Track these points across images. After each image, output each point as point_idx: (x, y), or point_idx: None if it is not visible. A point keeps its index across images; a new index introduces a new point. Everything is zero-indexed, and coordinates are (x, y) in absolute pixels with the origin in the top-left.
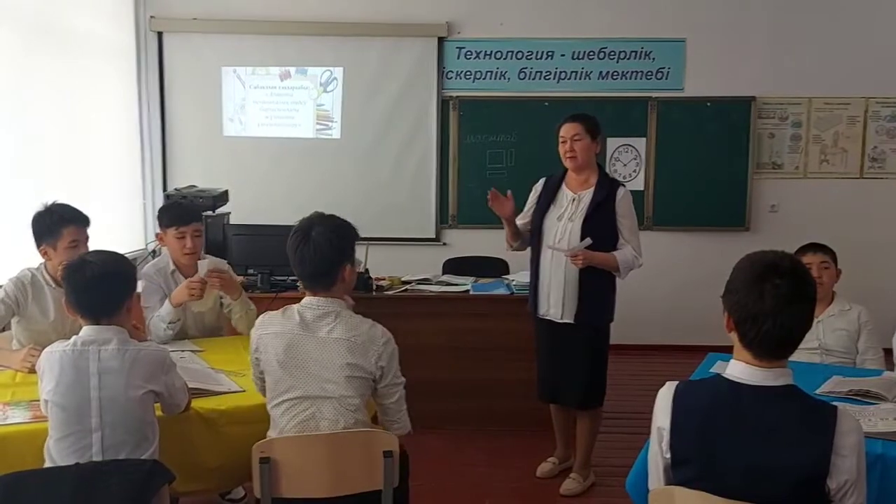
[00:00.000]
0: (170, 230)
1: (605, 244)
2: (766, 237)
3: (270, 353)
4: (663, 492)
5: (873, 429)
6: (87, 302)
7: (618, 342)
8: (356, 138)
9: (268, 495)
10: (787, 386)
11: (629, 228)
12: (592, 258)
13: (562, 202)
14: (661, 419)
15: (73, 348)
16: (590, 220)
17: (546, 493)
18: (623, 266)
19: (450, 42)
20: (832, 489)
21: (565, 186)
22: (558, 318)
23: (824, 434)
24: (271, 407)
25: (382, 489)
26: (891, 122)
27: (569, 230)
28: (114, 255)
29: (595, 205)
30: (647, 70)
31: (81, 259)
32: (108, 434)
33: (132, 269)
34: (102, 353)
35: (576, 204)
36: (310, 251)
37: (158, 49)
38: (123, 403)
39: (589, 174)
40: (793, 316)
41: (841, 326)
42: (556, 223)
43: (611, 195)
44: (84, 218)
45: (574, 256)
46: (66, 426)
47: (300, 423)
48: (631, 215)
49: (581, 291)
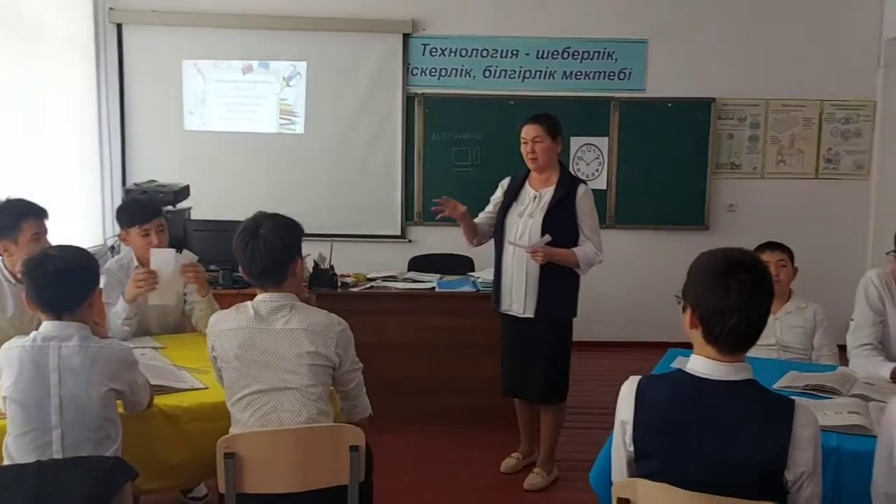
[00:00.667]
0: (132, 229)
1: (565, 241)
2: (725, 236)
3: (227, 349)
4: (626, 484)
5: (828, 422)
6: (48, 297)
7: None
8: (320, 134)
9: (232, 491)
10: (748, 380)
11: (589, 225)
12: (553, 254)
13: (524, 199)
14: (625, 413)
15: (32, 344)
16: (550, 217)
17: (510, 487)
18: (583, 262)
19: (415, 39)
20: (789, 481)
21: (528, 184)
22: (520, 313)
23: (782, 427)
24: (231, 404)
25: (348, 484)
26: (845, 124)
27: (529, 226)
28: (77, 250)
29: (555, 202)
30: (609, 70)
31: (43, 253)
32: (68, 432)
33: (95, 264)
34: (63, 350)
35: (537, 201)
36: (260, 249)
37: (118, 41)
38: (84, 401)
39: (551, 173)
40: (756, 310)
41: (797, 324)
42: (518, 220)
43: (571, 193)
44: (41, 210)
45: (534, 253)
46: (25, 423)
47: (261, 417)
48: (591, 212)
49: (542, 287)
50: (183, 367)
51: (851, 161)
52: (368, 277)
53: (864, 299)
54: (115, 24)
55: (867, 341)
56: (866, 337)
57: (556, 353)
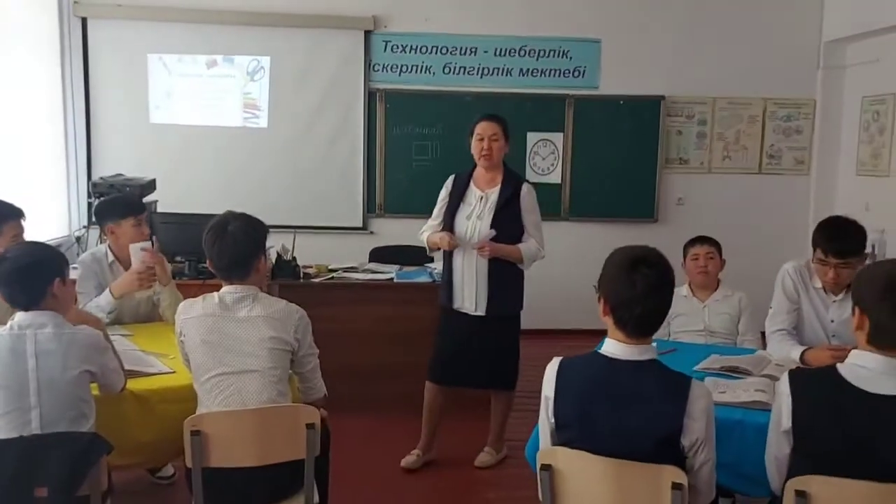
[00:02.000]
0: (125, 221)
1: (511, 238)
2: (673, 228)
3: (194, 335)
4: (548, 452)
5: (736, 399)
6: (10, 295)
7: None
8: (284, 127)
9: (199, 465)
10: (651, 360)
11: (533, 223)
12: (498, 250)
13: (470, 200)
14: (548, 389)
15: (9, 332)
16: (497, 218)
17: (462, 464)
18: (527, 257)
19: (377, 35)
20: (686, 446)
21: (473, 184)
22: (472, 310)
23: (679, 400)
24: (198, 385)
25: (305, 458)
26: (786, 122)
27: (478, 228)
28: (32, 246)
29: (502, 202)
30: (564, 69)
31: (1, 256)
32: (46, 411)
33: (51, 255)
34: (39, 336)
35: (483, 202)
36: (228, 244)
37: (83, 35)
38: (60, 383)
39: (496, 172)
40: (659, 300)
41: (724, 311)
42: (466, 222)
43: (516, 192)
44: (19, 212)
45: (481, 248)
46: (5, 404)
47: (226, 398)
48: (535, 210)
49: (491, 285)
50: (151, 352)
51: (792, 157)
52: (330, 268)
53: (780, 289)
54: (79, 18)
55: (782, 327)
56: (782, 323)
57: (507, 345)
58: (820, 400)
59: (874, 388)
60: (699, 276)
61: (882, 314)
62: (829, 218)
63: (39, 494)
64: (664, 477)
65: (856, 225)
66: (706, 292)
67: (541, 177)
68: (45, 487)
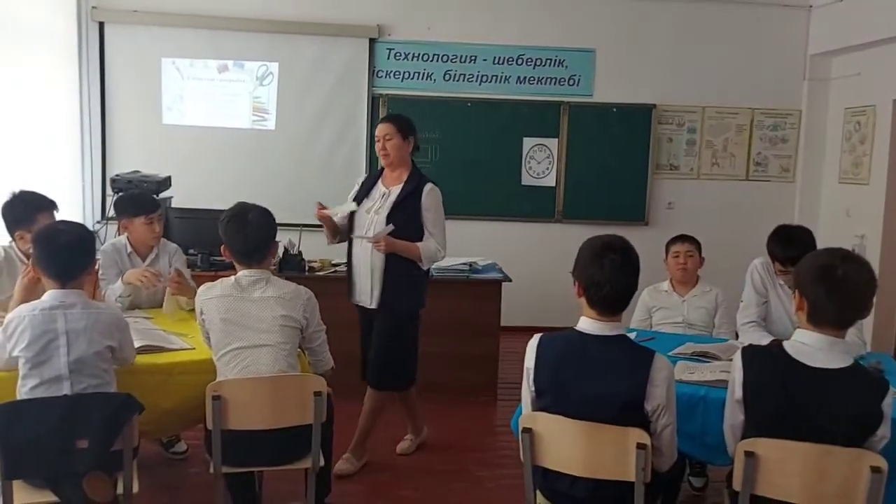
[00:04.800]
0: (137, 219)
1: (409, 235)
2: (663, 231)
3: (214, 313)
4: (529, 416)
5: (702, 378)
6: (56, 266)
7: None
8: (290, 130)
9: (218, 426)
10: (619, 335)
11: (433, 221)
12: (394, 245)
13: (374, 196)
14: (529, 361)
15: (41, 311)
16: (395, 213)
17: (454, 447)
18: (425, 256)
19: (380, 43)
20: (649, 411)
21: (380, 182)
22: (368, 304)
23: (643, 369)
24: (217, 358)
25: (313, 422)
26: (772, 131)
27: (375, 221)
28: (80, 226)
29: (401, 198)
30: (560, 77)
31: (54, 227)
32: (75, 380)
33: (94, 240)
34: (69, 315)
35: (385, 198)
36: (252, 230)
37: (99, 39)
38: (87, 356)
39: (402, 171)
40: (625, 281)
41: (701, 305)
42: (366, 216)
43: (417, 190)
44: (53, 203)
45: (376, 243)
46: (39, 376)
47: (242, 369)
48: (436, 209)
49: (386, 280)
50: (171, 331)
51: (778, 165)
52: (333, 263)
53: (750, 283)
54: (97, 23)
55: (752, 319)
56: (751, 315)
57: (395, 342)
58: (766, 372)
59: (813, 362)
60: (679, 272)
61: (818, 296)
62: (777, 228)
63: (80, 446)
64: (630, 438)
65: (801, 228)
66: (686, 287)
67: (536, 180)
68: (86, 440)
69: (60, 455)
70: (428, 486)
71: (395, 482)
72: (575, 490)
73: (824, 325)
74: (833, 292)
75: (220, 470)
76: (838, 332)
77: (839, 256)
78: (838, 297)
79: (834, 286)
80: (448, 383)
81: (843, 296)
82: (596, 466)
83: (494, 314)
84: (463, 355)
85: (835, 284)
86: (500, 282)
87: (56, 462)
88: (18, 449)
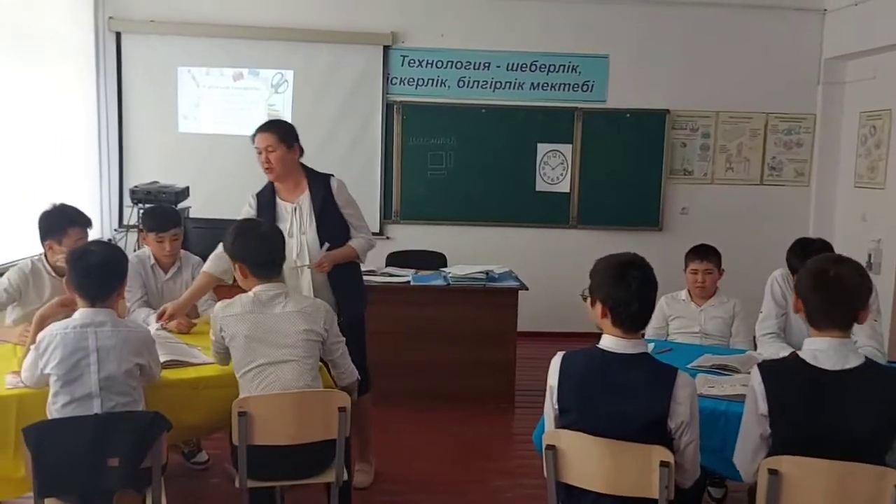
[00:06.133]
0: (150, 234)
1: (339, 239)
2: (677, 236)
3: (237, 331)
4: (553, 434)
5: (722, 392)
6: (87, 286)
7: (542, 329)
8: (305, 137)
9: (244, 442)
10: (643, 353)
11: (352, 215)
12: (335, 258)
13: (284, 216)
14: (552, 379)
15: (73, 330)
16: (322, 226)
17: (473, 456)
18: (362, 252)
19: (395, 50)
20: (672, 428)
21: (279, 199)
22: None
23: (666, 387)
24: (240, 375)
25: (337, 438)
26: (787, 135)
27: (306, 243)
28: (113, 247)
29: (318, 207)
30: (573, 83)
31: (86, 248)
32: (105, 398)
33: (126, 260)
34: (99, 334)
35: (298, 214)
36: (271, 242)
37: (116, 49)
38: (117, 374)
39: (298, 179)
40: (649, 297)
41: (718, 315)
42: (290, 240)
43: (327, 191)
44: (87, 220)
45: (319, 265)
46: (70, 394)
47: (266, 385)
48: (351, 201)
49: (337, 294)
50: (194, 345)
51: (793, 169)
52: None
53: (770, 295)
54: (114, 33)
55: (771, 330)
56: (771, 327)
57: (359, 344)
58: (789, 383)
59: (831, 366)
60: (697, 290)
61: (813, 299)
62: (796, 242)
63: (111, 464)
64: (653, 456)
65: (821, 241)
66: (704, 299)
67: (550, 186)
68: (117, 458)
69: (92, 473)
70: (446, 497)
71: (413, 493)
72: None
73: (824, 327)
74: (826, 293)
75: (247, 485)
76: (843, 334)
77: (832, 260)
78: (831, 298)
79: (827, 288)
80: (465, 392)
81: (836, 296)
82: (619, 484)
83: (511, 322)
84: (480, 363)
85: (827, 286)
86: (517, 290)
87: (88, 480)
88: (51, 467)
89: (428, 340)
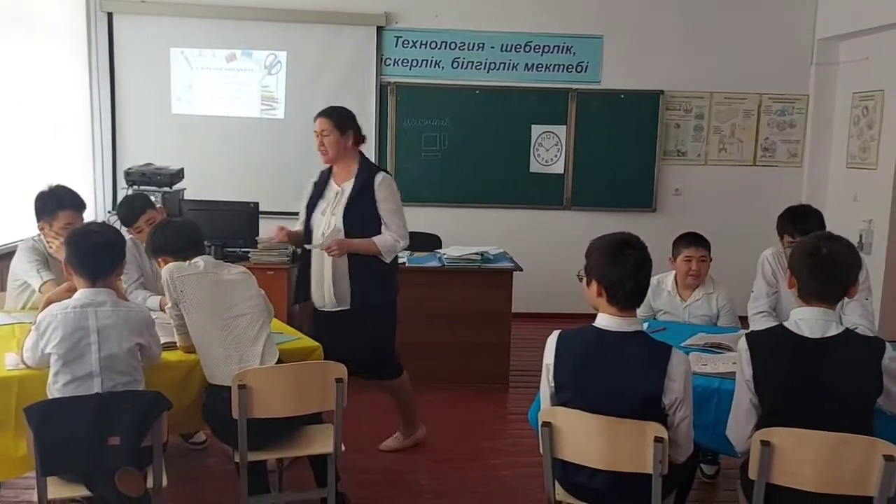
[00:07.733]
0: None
1: (367, 230)
2: (671, 217)
3: (197, 291)
4: (549, 411)
5: (716, 370)
6: (88, 264)
7: (536, 311)
8: (299, 118)
9: (244, 415)
10: (638, 331)
11: (388, 211)
12: (349, 245)
13: (328, 196)
14: (548, 357)
15: (73, 310)
16: (349, 211)
17: (469, 436)
18: (384, 250)
19: (388, 31)
20: (666, 405)
21: (332, 180)
22: (334, 307)
23: (661, 365)
24: (200, 333)
25: (335, 409)
26: (780, 116)
27: (332, 224)
28: (112, 228)
29: (354, 194)
30: (567, 64)
31: (87, 228)
32: (105, 377)
33: (124, 242)
34: (99, 313)
35: (339, 196)
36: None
37: (108, 30)
38: (118, 353)
39: (350, 165)
40: (644, 275)
41: (702, 313)
42: (322, 218)
43: (369, 183)
44: (80, 204)
45: (328, 249)
46: (71, 374)
47: (231, 334)
48: (391, 199)
49: (353, 278)
50: None
51: (786, 150)
52: None
53: (760, 274)
54: (106, 14)
55: (763, 309)
56: (762, 305)
57: (380, 334)
58: (773, 350)
59: (812, 334)
60: (690, 278)
61: (806, 273)
62: (786, 209)
63: (113, 443)
64: (648, 432)
65: (810, 208)
66: (689, 291)
67: (544, 167)
68: (118, 437)
69: (94, 452)
70: (444, 474)
71: (411, 471)
72: (595, 482)
73: (813, 299)
74: (818, 268)
75: (247, 458)
76: (829, 306)
77: (824, 238)
78: (823, 273)
79: (819, 263)
80: (460, 372)
81: (827, 272)
82: (615, 459)
83: (506, 303)
84: (475, 344)
85: (820, 261)
86: (512, 271)
87: (89, 459)
88: (53, 446)
89: (423, 321)
